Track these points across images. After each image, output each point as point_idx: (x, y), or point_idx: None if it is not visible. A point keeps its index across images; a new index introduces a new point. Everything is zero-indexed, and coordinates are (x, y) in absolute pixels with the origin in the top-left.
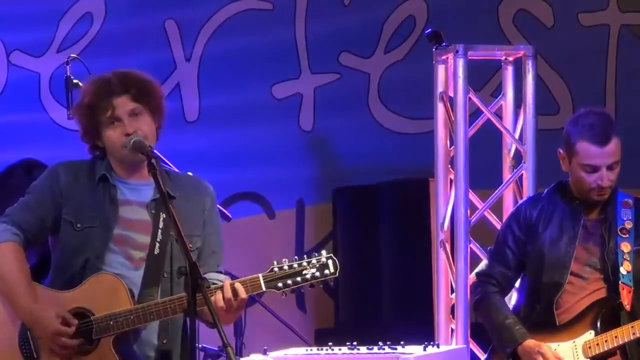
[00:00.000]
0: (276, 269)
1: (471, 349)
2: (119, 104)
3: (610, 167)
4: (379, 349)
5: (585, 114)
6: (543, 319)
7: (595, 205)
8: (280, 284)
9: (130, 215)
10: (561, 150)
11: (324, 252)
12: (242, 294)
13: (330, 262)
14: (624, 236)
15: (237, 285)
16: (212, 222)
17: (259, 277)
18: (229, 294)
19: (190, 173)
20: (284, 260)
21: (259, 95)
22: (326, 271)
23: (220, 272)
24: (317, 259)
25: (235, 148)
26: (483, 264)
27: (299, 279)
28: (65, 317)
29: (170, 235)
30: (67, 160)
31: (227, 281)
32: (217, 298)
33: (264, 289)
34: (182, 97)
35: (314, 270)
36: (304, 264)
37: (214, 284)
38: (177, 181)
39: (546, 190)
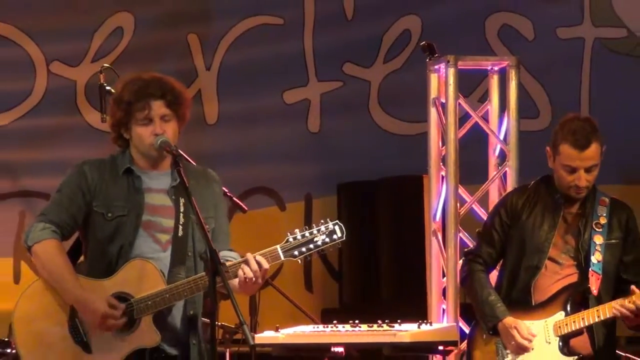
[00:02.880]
0: (291, 240)
1: (460, 327)
2: (154, 106)
3: (588, 170)
4: (378, 326)
5: (572, 119)
6: (520, 298)
7: (575, 200)
8: (296, 252)
9: (154, 202)
10: (548, 148)
11: (329, 220)
12: (265, 264)
13: (337, 227)
14: (598, 230)
15: (259, 257)
16: (221, 206)
17: (277, 248)
18: (254, 266)
19: (211, 171)
20: (296, 230)
21: (271, 100)
22: (334, 236)
23: (231, 250)
24: (325, 227)
25: (251, 147)
26: (472, 245)
27: (311, 245)
28: (111, 302)
29: (190, 217)
30: (90, 158)
31: (251, 255)
32: (245, 271)
33: (282, 258)
34: (203, 102)
35: (323, 236)
36: (315, 232)
37: (227, 260)
38: (190, 170)
39: (533, 182)
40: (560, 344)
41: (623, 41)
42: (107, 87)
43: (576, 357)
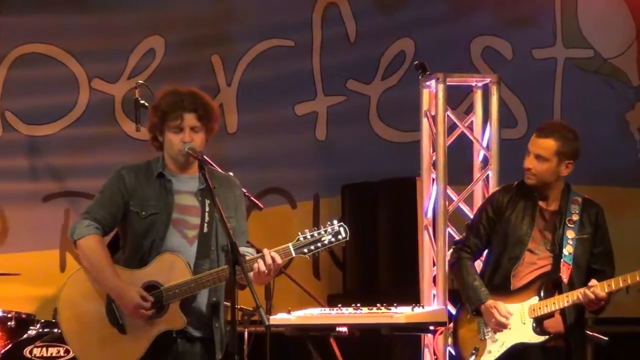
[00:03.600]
0: (301, 239)
1: (448, 310)
2: (186, 118)
3: (537, 157)
4: (377, 309)
5: (555, 120)
6: (501, 284)
7: (547, 196)
8: (305, 250)
9: (183, 202)
10: None
11: (335, 221)
12: (278, 259)
13: (342, 229)
14: (570, 225)
15: (273, 253)
16: (241, 208)
17: (289, 246)
18: (269, 260)
19: (231, 173)
20: (305, 230)
21: (283, 112)
22: (339, 236)
23: (249, 246)
24: (331, 228)
25: (266, 153)
26: (461, 236)
27: (319, 244)
28: (142, 294)
29: (214, 216)
30: (128, 163)
31: (267, 250)
32: (260, 265)
33: (293, 255)
34: (224, 114)
35: (330, 236)
36: (322, 232)
37: (246, 255)
38: (216, 176)
39: (517, 182)
40: (534, 324)
41: (590, 61)
42: (142, 101)
43: (547, 336)
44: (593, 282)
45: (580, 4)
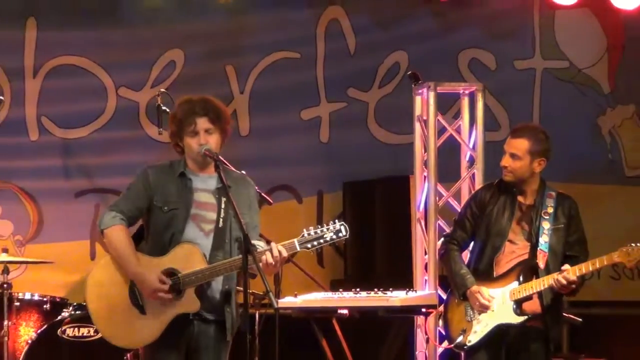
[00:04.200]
0: (306, 235)
1: (438, 294)
2: (199, 122)
3: (512, 156)
4: (375, 294)
5: (528, 123)
6: (485, 271)
7: (525, 192)
8: (309, 245)
9: (201, 199)
10: None
11: (337, 220)
12: (284, 253)
13: (342, 227)
14: (546, 217)
15: (280, 247)
16: (254, 205)
17: (294, 241)
18: (276, 253)
19: (244, 172)
20: (310, 227)
21: (291, 117)
22: (340, 234)
23: (261, 240)
24: (333, 226)
25: (275, 154)
26: (449, 230)
27: (321, 240)
28: (161, 279)
29: (229, 212)
30: (153, 163)
31: (274, 244)
32: (268, 257)
33: (298, 249)
34: (238, 119)
35: (331, 234)
36: (324, 229)
37: (256, 247)
38: (232, 176)
39: (497, 180)
40: (514, 306)
41: (566, 71)
42: (163, 108)
43: (526, 316)
44: (566, 266)
45: (557, 20)
